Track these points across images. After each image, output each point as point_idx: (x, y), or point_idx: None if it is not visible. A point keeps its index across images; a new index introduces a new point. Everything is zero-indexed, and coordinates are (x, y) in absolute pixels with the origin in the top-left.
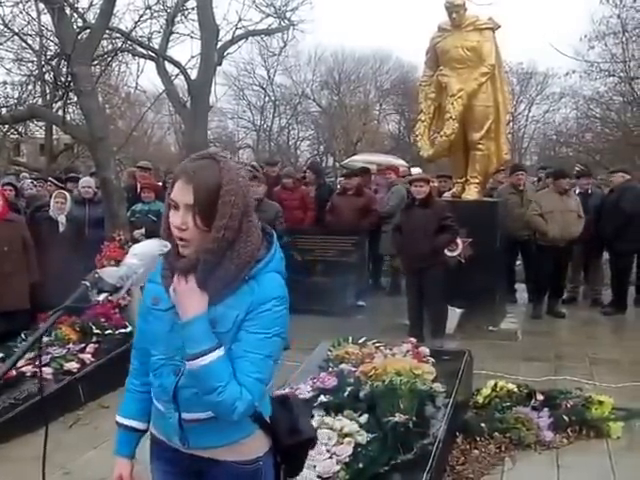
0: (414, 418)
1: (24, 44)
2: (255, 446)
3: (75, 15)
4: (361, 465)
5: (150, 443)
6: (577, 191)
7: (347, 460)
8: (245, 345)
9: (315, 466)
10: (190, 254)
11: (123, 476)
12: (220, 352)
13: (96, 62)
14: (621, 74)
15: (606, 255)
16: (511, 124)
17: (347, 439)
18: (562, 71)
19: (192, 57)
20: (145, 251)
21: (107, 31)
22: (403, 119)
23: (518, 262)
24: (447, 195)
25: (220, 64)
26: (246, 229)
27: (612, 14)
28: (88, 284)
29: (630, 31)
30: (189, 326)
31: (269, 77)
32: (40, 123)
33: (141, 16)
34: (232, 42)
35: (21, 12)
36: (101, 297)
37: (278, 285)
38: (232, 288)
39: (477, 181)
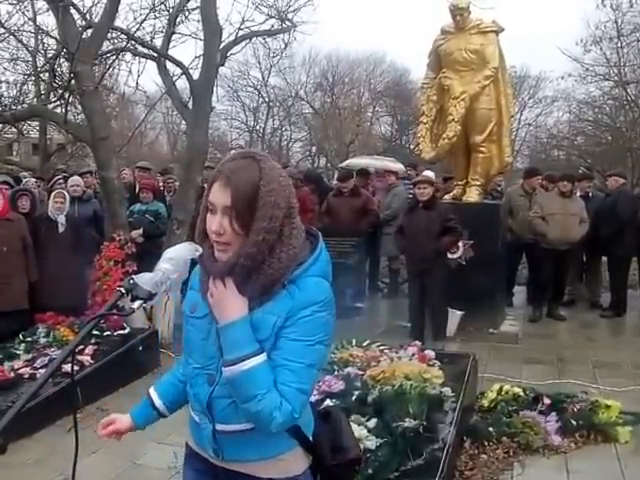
0: (424, 423)
1: (20, 43)
2: (293, 463)
3: (77, 14)
4: (371, 471)
5: (185, 455)
6: (578, 194)
7: None
8: (285, 353)
9: None
10: (229, 257)
11: (115, 420)
12: (262, 357)
13: (99, 61)
14: (615, 78)
15: (605, 258)
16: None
17: None
18: (555, 74)
19: (196, 57)
20: (178, 255)
21: (109, 30)
22: (395, 121)
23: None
24: (447, 197)
25: (223, 64)
26: (288, 232)
27: (608, 19)
28: (123, 291)
29: (626, 36)
30: (229, 329)
31: (263, 78)
32: (34, 123)
33: (146, 15)
34: (235, 43)
35: (17, 11)
36: (136, 304)
37: (320, 289)
38: (270, 293)
39: (478, 183)
